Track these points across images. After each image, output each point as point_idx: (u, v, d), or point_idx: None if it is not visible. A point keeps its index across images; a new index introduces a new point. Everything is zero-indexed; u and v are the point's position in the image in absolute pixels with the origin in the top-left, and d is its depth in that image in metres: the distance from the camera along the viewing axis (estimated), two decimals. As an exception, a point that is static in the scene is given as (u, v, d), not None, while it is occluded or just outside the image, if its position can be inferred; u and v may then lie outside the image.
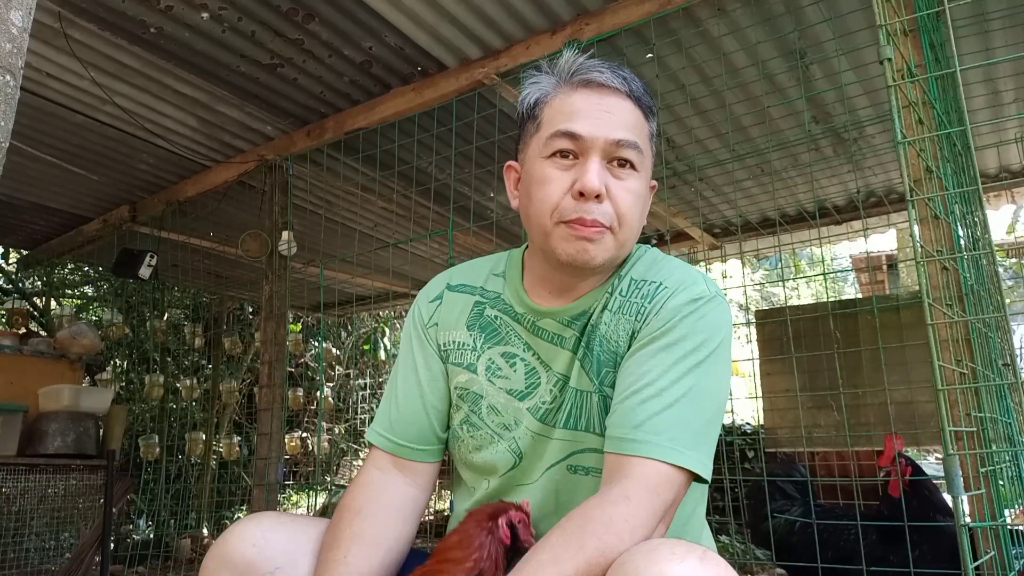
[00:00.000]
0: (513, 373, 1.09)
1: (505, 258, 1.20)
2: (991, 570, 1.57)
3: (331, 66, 3.01)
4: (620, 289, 1.06)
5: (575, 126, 1.00)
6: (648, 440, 0.90)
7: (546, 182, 1.02)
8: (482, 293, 1.16)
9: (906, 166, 1.52)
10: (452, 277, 1.22)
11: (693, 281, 1.02)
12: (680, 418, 0.92)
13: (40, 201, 4.31)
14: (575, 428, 1.04)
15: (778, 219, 4.40)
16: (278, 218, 3.63)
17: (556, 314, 1.07)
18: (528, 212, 1.07)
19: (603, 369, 1.03)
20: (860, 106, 3.35)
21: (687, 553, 0.74)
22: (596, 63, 1.05)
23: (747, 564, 3.74)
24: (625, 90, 1.03)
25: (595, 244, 1.00)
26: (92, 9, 2.62)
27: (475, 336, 1.13)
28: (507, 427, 1.08)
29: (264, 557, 0.98)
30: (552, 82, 1.07)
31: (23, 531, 3.26)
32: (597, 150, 1.00)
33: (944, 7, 1.49)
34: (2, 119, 0.83)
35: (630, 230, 1.03)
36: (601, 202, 0.99)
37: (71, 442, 3.32)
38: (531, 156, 1.07)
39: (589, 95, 1.03)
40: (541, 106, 1.07)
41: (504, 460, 1.08)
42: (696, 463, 0.91)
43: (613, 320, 1.04)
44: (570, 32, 2.72)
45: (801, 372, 3.22)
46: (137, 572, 4.53)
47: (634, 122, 1.04)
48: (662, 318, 0.99)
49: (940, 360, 1.44)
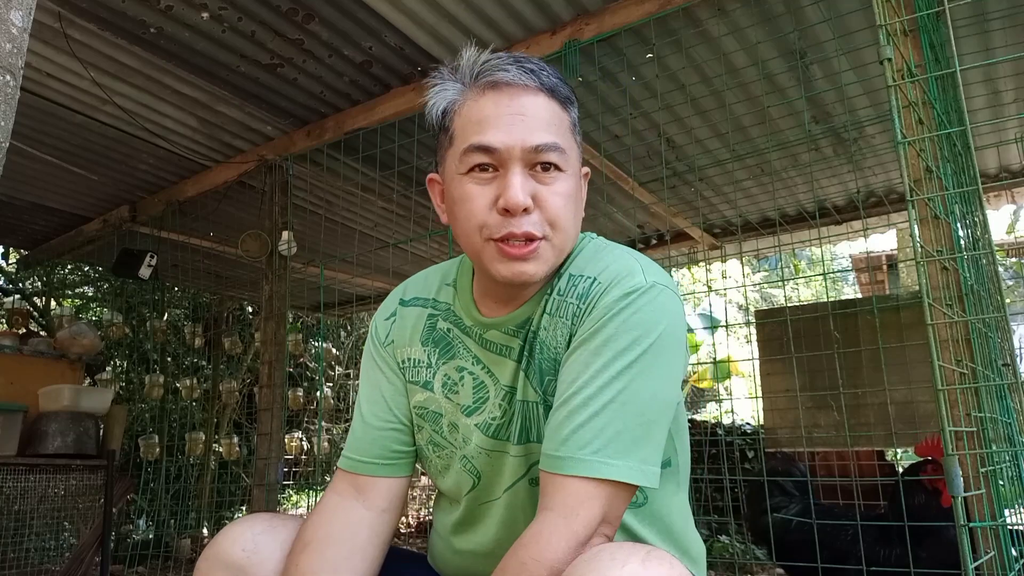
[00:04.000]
0: (462, 388, 1.04)
1: (457, 265, 1.13)
2: (991, 570, 1.57)
3: (331, 66, 3.01)
4: (558, 288, 1.00)
5: (487, 138, 0.93)
6: (571, 456, 0.86)
7: (467, 200, 0.95)
8: (434, 305, 1.11)
9: (906, 166, 1.52)
10: (406, 291, 1.16)
11: (628, 272, 0.95)
12: (607, 426, 0.86)
13: (40, 201, 4.31)
14: (528, 441, 1.00)
15: (778, 219, 4.40)
16: (278, 218, 3.63)
17: (501, 324, 1.02)
18: (456, 231, 1.00)
19: (545, 377, 0.98)
20: (860, 106, 3.35)
21: (628, 556, 0.72)
22: (501, 60, 0.97)
23: (747, 564, 3.74)
24: (535, 84, 0.95)
25: (531, 262, 0.94)
26: (92, 9, 2.62)
27: (429, 352, 1.08)
28: (464, 443, 1.04)
29: (253, 562, 0.98)
30: (457, 88, 0.99)
31: (23, 531, 3.26)
32: (516, 160, 0.93)
33: (944, 7, 1.49)
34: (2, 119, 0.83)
35: (566, 233, 0.97)
36: (529, 213, 0.93)
37: (71, 442, 3.32)
38: (449, 172, 1.00)
39: (498, 98, 0.95)
40: (450, 116, 0.99)
41: (463, 481, 1.05)
42: (626, 472, 0.86)
43: (551, 324, 0.98)
44: (570, 32, 2.72)
45: (801, 372, 3.22)
46: (137, 572, 4.53)
47: (550, 118, 0.96)
48: (593, 318, 0.93)
49: (940, 360, 1.44)
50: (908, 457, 5.27)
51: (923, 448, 2.47)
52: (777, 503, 2.74)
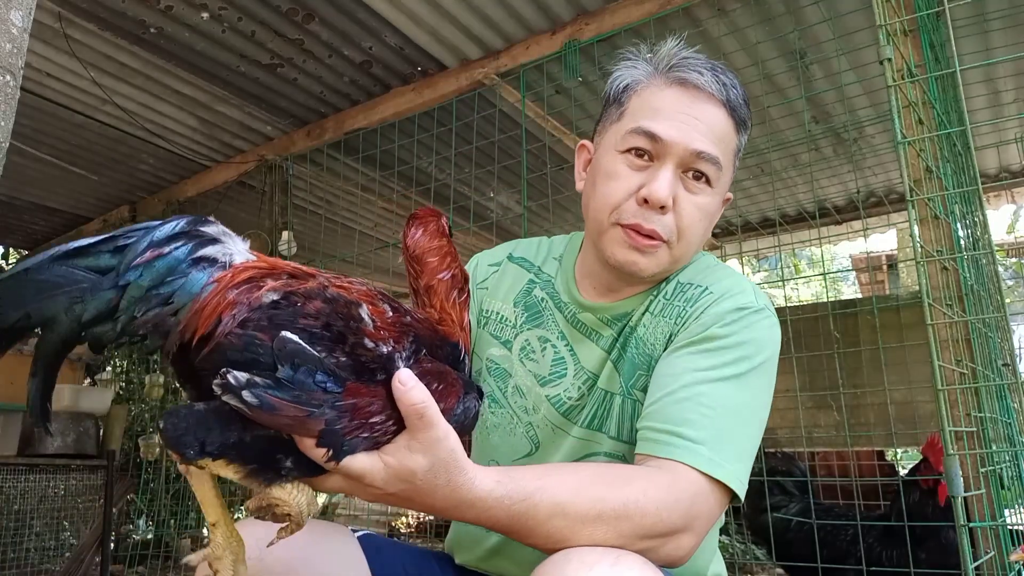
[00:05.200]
0: (542, 357, 1.05)
1: (567, 241, 1.15)
2: (991, 570, 1.57)
3: (331, 66, 3.01)
4: (665, 292, 1.00)
5: (657, 127, 0.94)
6: (687, 447, 0.83)
7: (613, 178, 0.97)
8: (537, 273, 1.13)
9: (906, 166, 1.52)
10: (517, 248, 1.18)
11: (741, 290, 0.96)
12: (720, 428, 0.85)
13: (40, 201, 4.31)
14: (595, 429, 1.00)
15: (778, 219, 4.40)
16: (278, 218, 3.63)
17: (597, 311, 1.03)
18: (588, 202, 1.02)
19: (636, 372, 0.98)
20: (860, 106, 3.35)
21: (598, 560, 0.71)
22: (699, 61, 0.98)
23: (747, 564, 3.74)
24: (721, 97, 0.96)
25: (647, 257, 0.95)
26: (92, 9, 2.62)
27: (518, 313, 1.10)
28: (527, 411, 1.05)
29: (261, 566, 0.90)
30: (647, 71, 1.00)
31: (23, 531, 3.25)
32: (674, 157, 0.94)
33: (944, 7, 1.49)
34: (2, 119, 0.83)
35: (688, 245, 0.98)
36: (664, 214, 0.94)
37: (71, 442, 3.32)
38: (606, 144, 1.01)
39: (682, 95, 0.96)
40: (629, 93, 1.01)
41: (520, 445, 1.05)
42: (736, 482, 0.83)
43: (652, 322, 0.99)
44: (570, 32, 2.72)
45: (801, 372, 3.21)
46: (137, 572, 4.53)
47: (721, 134, 0.97)
48: (702, 323, 0.93)
49: (940, 360, 1.44)
50: (908, 457, 5.27)
51: (928, 447, 2.47)
52: (777, 502, 2.73)
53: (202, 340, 0.65)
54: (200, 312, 0.65)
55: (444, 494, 0.71)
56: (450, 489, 0.71)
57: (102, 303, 0.61)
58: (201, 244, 0.68)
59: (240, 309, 0.66)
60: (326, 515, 5.65)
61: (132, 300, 0.62)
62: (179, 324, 0.64)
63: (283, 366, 0.64)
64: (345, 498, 5.81)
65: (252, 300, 0.67)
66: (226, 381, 0.62)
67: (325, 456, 0.67)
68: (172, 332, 0.64)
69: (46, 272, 0.60)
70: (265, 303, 0.67)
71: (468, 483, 0.71)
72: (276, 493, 0.69)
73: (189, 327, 0.65)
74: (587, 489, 0.76)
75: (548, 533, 0.74)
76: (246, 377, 0.62)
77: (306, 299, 0.69)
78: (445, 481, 0.70)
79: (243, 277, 0.68)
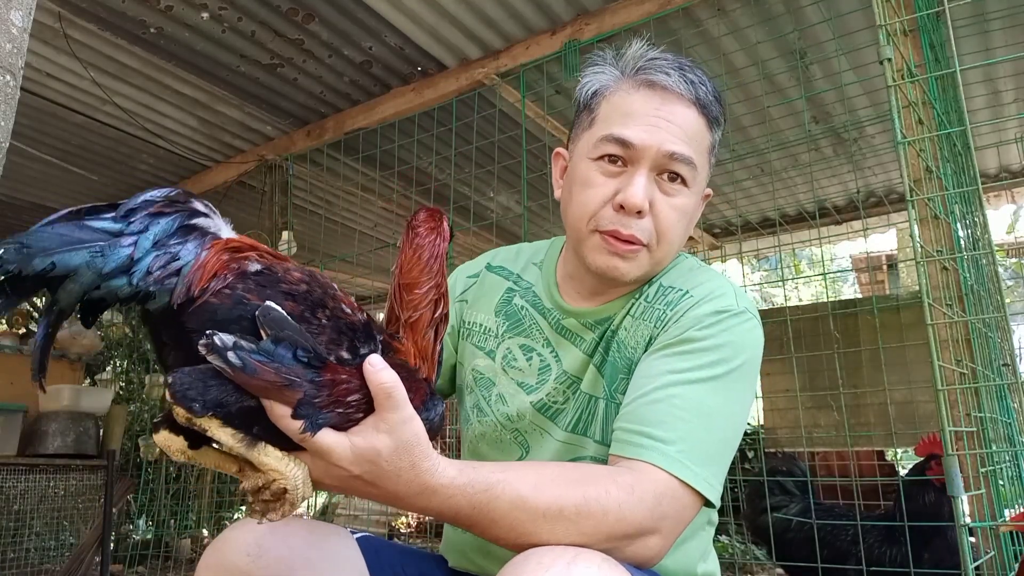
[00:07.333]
0: (527, 366, 1.06)
1: (547, 247, 1.15)
2: (991, 570, 1.57)
3: (331, 66, 3.01)
4: (647, 294, 1.00)
5: (628, 132, 0.95)
6: (656, 447, 0.83)
7: (589, 186, 0.97)
8: (516, 281, 1.13)
9: (906, 166, 1.52)
10: (495, 257, 1.18)
11: (722, 293, 0.96)
12: (692, 430, 0.85)
13: (40, 201, 4.31)
14: (580, 433, 1.00)
15: (778, 219, 4.40)
16: (278, 218, 3.64)
17: (581, 315, 1.03)
18: (566, 210, 1.03)
19: (618, 376, 0.99)
20: (860, 106, 3.35)
21: (555, 560, 0.71)
22: (666, 61, 0.97)
23: (747, 564, 3.74)
24: (691, 97, 0.96)
25: (628, 262, 0.96)
26: (92, 9, 2.62)
27: (499, 323, 1.10)
28: (510, 418, 1.06)
29: (259, 566, 0.91)
30: (615, 75, 1.00)
31: (23, 531, 3.25)
32: (647, 161, 0.94)
33: (944, 7, 1.49)
34: (2, 119, 0.83)
35: (669, 247, 0.98)
36: (642, 218, 0.94)
37: (71, 442, 3.32)
38: (579, 152, 1.01)
39: (650, 97, 0.96)
40: (599, 99, 1.00)
41: (510, 451, 1.05)
42: (704, 484, 0.83)
43: (633, 326, 0.99)
44: (570, 32, 2.72)
45: (801, 372, 3.21)
46: (137, 572, 4.53)
47: (693, 133, 0.97)
48: (681, 326, 0.93)
49: (940, 360, 1.44)
50: (908, 457, 5.27)
51: (923, 447, 2.47)
52: (777, 502, 2.73)
53: (194, 299, 0.69)
54: (202, 268, 0.70)
55: (408, 478, 0.71)
56: (414, 473, 0.71)
57: (121, 258, 0.66)
58: (195, 214, 0.74)
59: (232, 269, 0.71)
60: (326, 516, 5.65)
61: (145, 252, 0.68)
62: (186, 279, 0.69)
63: (267, 334, 0.67)
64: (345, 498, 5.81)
65: (242, 264, 0.72)
66: (211, 342, 0.65)
67: (300, 428, 0.68)
68: (177, 287, 0.69)
69: (70, 228, 0.66)
70: (251, 270, 0.72)
71: (431, 468, 0.72)
72: (272, 463, 0.70)
73: (194, 283, 0.69)
74: (548, 485, 0.76)
75: (511, 526, 0.75)
76: (232, 339, 0.65)
77: (286, 271, 0.74)
78: (409, 464, 0.71)
79: (233, 245, 0.75)
